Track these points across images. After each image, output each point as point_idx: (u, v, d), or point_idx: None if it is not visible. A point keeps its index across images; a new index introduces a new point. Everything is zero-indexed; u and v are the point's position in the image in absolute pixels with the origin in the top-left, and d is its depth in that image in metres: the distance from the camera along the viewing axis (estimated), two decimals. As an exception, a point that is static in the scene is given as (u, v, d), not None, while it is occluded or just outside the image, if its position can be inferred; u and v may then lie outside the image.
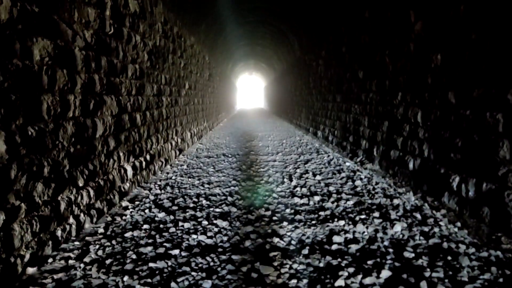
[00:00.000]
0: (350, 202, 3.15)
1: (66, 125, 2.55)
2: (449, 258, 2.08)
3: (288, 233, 2.50)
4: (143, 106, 4.47)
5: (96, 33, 3.09)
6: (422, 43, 3.73)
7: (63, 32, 2.54)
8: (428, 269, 1.95)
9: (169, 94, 5.91)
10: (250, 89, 51.86)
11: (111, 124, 3.40)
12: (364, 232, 2.51)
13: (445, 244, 2.26)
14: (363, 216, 2.81)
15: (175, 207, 3.13)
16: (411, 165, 3.99)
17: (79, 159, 2.74)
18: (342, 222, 2.67)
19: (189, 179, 4.19)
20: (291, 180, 4.11)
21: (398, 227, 2.50)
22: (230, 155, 5.89)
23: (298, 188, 3.69)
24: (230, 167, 4.86)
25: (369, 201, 3.20)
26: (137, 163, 4.15)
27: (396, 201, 3.15)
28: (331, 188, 3.67)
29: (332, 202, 3.21)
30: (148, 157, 4.62)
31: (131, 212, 3.09)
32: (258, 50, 17.71)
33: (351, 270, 1.95)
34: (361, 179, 4.10)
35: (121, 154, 3.66)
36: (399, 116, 4.30)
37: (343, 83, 6.85)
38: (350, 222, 2.69)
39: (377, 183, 3.91)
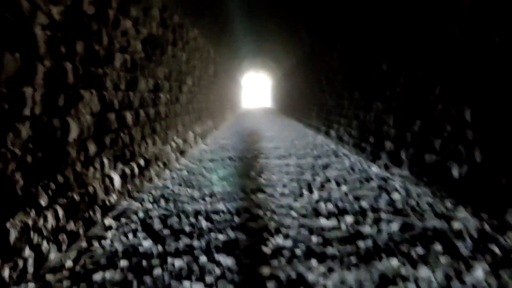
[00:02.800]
0: (395, 226, 2.46)
1: (20, 126, 1.92)
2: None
3: (321, 280, 1.81)
4: (136, 103, 3.84)
5: (69, 11, 2.46)
6: (475, 20, 3.04)
7: (17, 4, 1.91)
8: None
9: (168, 90, 5.28)
10: (256, 88, 51.16)
11: (91, 125, 2.76)
12: (430, 279, 1.79)
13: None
14: (420, 250, 2.09)
15: (166, 231, 2.47)
16: (455, 173, 3.31)
17: (40, 170, 2.11)
18: (394, 261, 1.94)
19: (188, 190, 3.54)
20: (311, 191, 3.44)
21: (478, 271, 1.81)
22: (236, 159, 5.25)
23: (321, 204, 3.01)
24: (237, 173, 4.21)
25: (420, 224, 2.50)
26: (127, 170, 3.52)
27: (455, 225, 2.45)
28: (364, 204, 2.99)
29: (371, 225, 2.50)
30: (142, 162, 3.99)
31: (112, 235, 2.46)
32: (265, 46, 17.04)
33: None
34: (396, 190, 3.40)
35: (105, 160, 3.03)
36: (438, 114, 3.62)
37: (362, 78, 6.16)
38: (406, 261, 1.97)
39: (418, 196, 3.20)
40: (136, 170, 3.80)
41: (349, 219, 2.58)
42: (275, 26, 12.46)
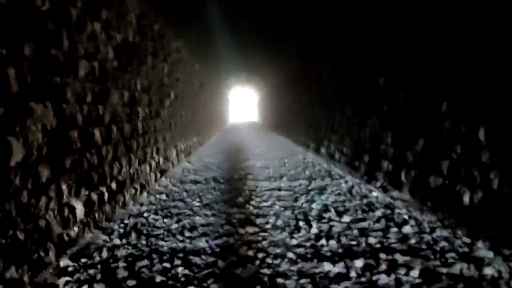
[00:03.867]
0: (415, 273, 1.99)
1: None
2: None
3: None
4: (107, 118, 3.37)
5: (11, 4, 2.01)
6: (493, 26, 2.71)
7: None
8: None
9: (147, 104, 4.82)
10: (243, 103, 50.96)
11: (44, 145, 2.28)
12: None
13: None
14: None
15: (131, 282, 1.97)
16: (466, 199, 2.93)
17: (-36, 206, 1.62)
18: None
19: (165, 220, 3.04)
20: (308, 223, 2.95)
21: None
22: (222, 180, 4.78)
23: (323, 241, 2.52)
24: (222, 199, 3.73)
25: (444, 270, 2.06)
26: (94, 196, 3.03)
27: (487, 271, 2.02)
28: (372, 240, 2.52)
29: (387, 273, 2.02)
30: (113, 185, 3.50)
31: (63, 286, 1.96)
32: (252, 60, 16.77)
33: None
34: (405, 221, 2.95)
35: (64, 186, 2.54)
36: (445, 133, 3.25)
37: (355, 92, 5.83)
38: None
39: (432, 229, 2.76)
40: (106, 195, 3.30)
41: (358, 263, 2.12)
42: (262, 41, 12.20)
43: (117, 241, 2.57)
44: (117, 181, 3.61)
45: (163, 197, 3.92)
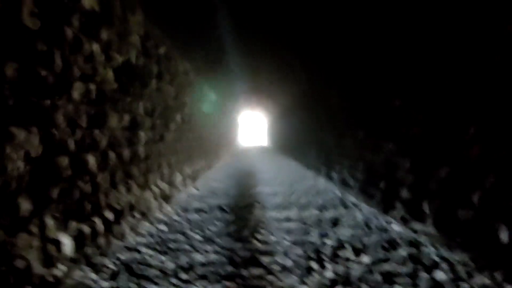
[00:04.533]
0: None
1: None
2: None
3: None
4: (103, 143, 3.14)
5: (-4, 21, 1.82)
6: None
7: None
8: None
9: (150, 127, 4.61)
10: (253, 126, 50.94)
11: (25, 174, 2.05)
12: None
13: None
14: None
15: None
16: (503, 237, 2.59)
17: None
18: None
19: (161, 257, 2.74)
20: (321, 264, 2.60)
21: None
22: (227, 209, 4.48)
23: None
24: (226, 232, 3.43)
25: None
26: (86, 229, 2.76)
27: None
28: None
29: None
30: (110, 215, 3.24)
31: None
32: (261, 83, 16.71)
33: None
34: (435, 264, 2.57)
35: (48, 220, 2.28)
36: (474, 159, 2.94)
37: (368, 115, 5.56)
38: None
39: (470, 276, 2.39)
40: (101, 226, 3.03)
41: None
42: (271, 63, 12.12)
43: (105, 285, 2.28)
44: (114, 210, 3.34)
45: (164, 227, 3.63)
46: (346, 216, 4.03)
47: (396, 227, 3.49)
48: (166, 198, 5.37)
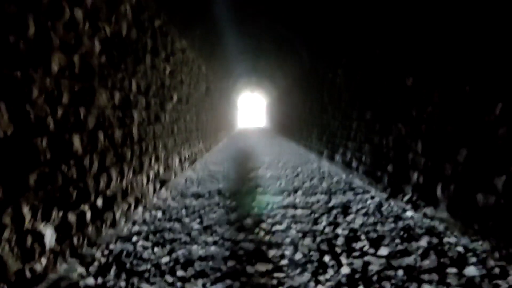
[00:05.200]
0: None
1: None
2: None
3: None
4: (91, 123, 2.85)
5: None
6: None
7: None
8: None
9: (144, 107, 4.31)
10: (251, 108, 50.53)
11: (-7, 157, 1.76)
12: None
13: None
14: None
15: None
16: (533, 225, 2.33)
17: None
18: None
19: (156, 249, 2.47)
20: (336, 258, 2.29)
21: None
22: (228, 194, 4.22)
23: None
24: (227, 220, 3.16)
25: None
26: (71, 218, 2.50)
27: None
28: None
29: None
30: (100, 202, 2.98)
31: None
32: (261, 65, 16.27)
33: None
34: (462, 256, 2.27)
35: (25, 209, 2.01)
36: (500, 142, 2.66)
37: (376, 95, 5.25)
38: None
39: (505, 273, 2.06)
40: (89, 214, 2.77)
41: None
42: (271, 43, 11.69)
43: (90, 282, 2.02)
44: (104, 196, 3.08)
45: (159, 214, 3.38)
46: (356, 203, 3.77)
47: (410, 214, 3.24)
48: (163, 182, 5.12)
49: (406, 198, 4.09)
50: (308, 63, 10.60)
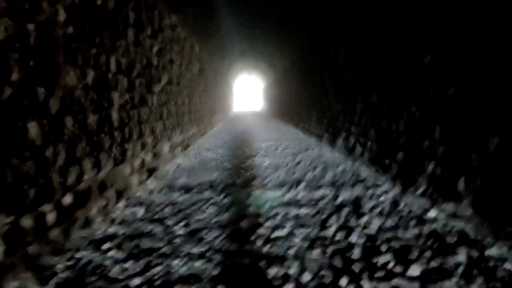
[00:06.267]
0: None
1: None
2: None
3: None
4: (54, 107, 2.37)
5: None
6: None
7: None
8: None
9: (127, 88, 3.82)
10: (248, 91, 49.78)
11: None
12: None
13: None
14: None
15: None
16: None
17: None
18: None
19: (128, 264, 2.00)
20: (355, 281, 1.81)
21: None
22: (220, 187, 3.77)
23: None
24: (218, 222, 2.71)
25: None
26: (26, 223, 2.05)
27: None
28: None
29: None
30: (68, 199, 2.52)
31: None
32: (258, 46, 15.62)
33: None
34: None
35: (-46, 218, 1.55)
36: (545, 129, 2.22)
37: (384, 76, 4.77)
38: None
39: None
40: (52, 216, 2.32)
41: None
42: (269, 23, 11.08)
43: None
44: (75, 192, 2.63)
45: (141, 212, 2.93)
46: (367, 198, 3.32)
47: (433, 214, 2.79)
48: (151, 171, 4.66)
49: (419, 190, 3.67)
50: (307, 42, 10.04)
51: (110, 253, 2.09)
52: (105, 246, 2.22)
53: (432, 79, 3.55)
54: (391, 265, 1.91)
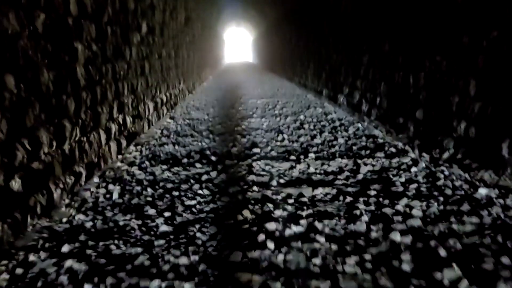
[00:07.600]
0: None
1: None
2: None
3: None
4: (-18, 62, 1.72)
5: None
6: None
7: None
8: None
9: (94, 38, 3.11)
10: (238, 43, 47.97)
11: None
12: None
13: None
14: None
15: None
16: None
17: None
18: None
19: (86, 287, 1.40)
20: None
21: None
22: (212, 159, 3.17)
23: None
24: (212, 212, 2.08)
25: None
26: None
27: None
28: None
29: None
30: (16, 184, 1.95)
31: None
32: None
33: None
34: None
35: None
36: None
37: (398, 22, 4.09)
38: None
39: None
40: (-5, 206, 1.76)
41: None
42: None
43: None
44: (27, 172, 2.04)
45: (116, 193, 2.37)
46: (395, 171, 2.73)
47: (484, 192, 2.21)
48: (132, 136, 4.07)
49: (446, 155, 3.15)
50: (304, -14, 9.09)
51: (68, 263, 1.55)
52: (65, 248, 1.68)
53: (468, 22, 2.91)
54: (463, 285, 1.36)
